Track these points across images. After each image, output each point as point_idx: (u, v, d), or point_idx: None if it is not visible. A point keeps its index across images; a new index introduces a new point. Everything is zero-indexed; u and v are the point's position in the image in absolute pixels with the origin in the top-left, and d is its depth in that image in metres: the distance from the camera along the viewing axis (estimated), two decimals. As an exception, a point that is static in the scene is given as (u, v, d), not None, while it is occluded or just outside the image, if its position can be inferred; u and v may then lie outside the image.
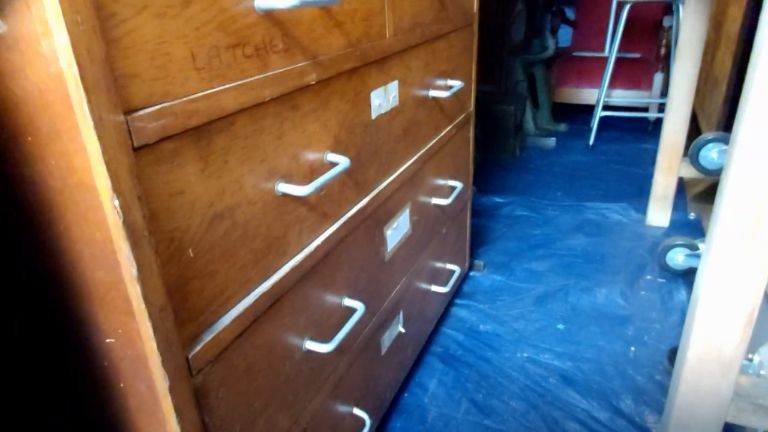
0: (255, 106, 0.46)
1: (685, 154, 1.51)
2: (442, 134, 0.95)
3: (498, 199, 1.78)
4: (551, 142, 2.34)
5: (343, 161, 0.58)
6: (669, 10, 2.31)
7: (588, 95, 2.57)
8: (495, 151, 2.17)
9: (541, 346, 1.10)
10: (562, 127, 2.55)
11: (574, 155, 2.20)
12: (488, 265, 1.40)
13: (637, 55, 2.51)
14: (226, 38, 0.41)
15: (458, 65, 0.98)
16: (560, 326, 1.16)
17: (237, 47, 0.43)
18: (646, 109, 2.50)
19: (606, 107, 2.32)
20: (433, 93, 0.86)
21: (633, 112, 2.38)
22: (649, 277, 1.33)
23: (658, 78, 2.45)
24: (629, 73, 2.50)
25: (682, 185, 1.79)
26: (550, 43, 2.39)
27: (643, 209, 1.65)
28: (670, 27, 2.30)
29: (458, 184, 1.02)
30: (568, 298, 1.25)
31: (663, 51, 2.38)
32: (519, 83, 2.36)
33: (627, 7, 2.11)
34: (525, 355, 1.08)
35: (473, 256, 1.41)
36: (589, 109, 2.46)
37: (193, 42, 0.39)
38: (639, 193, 1.78)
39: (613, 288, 1.28)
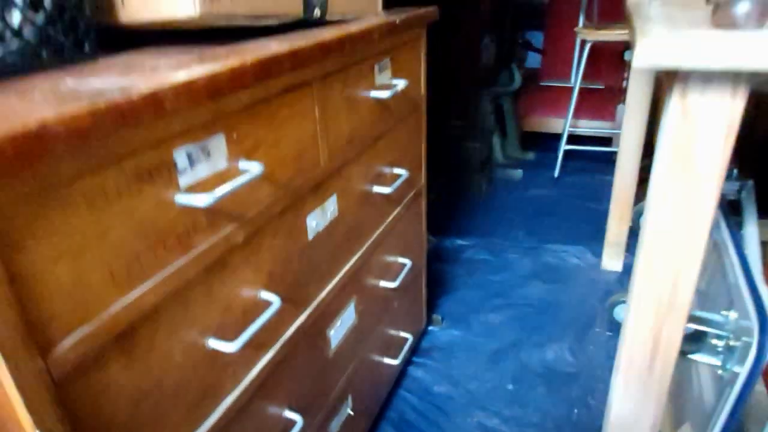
0: (180, 287, 0.50)
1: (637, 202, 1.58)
2: (389, 220, 0.99)
3: (461, 242, 1.83)
4: (518, 174, 2.40)
5: (275, 301, 0.62)
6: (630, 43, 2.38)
7: (555, 124, 2.63)
8: (461, 188, 2.22)
9: (491, 409, 1.15)
10: (530, 155, 2.61)
11: (539, 188, 2.25)
12: (447, 317, 1.45)
13: (601, 86, 2.58)
14: (145, 241, 0.45)
15: (405, 152, 1.02)
16: (510, 386, 1.21)
17: (157, 244, 0.46)
18: (610, 139, 2.57)
19: (571, 137, 2.38)
20: (377, 189, 0.90)
21: (597, 146, 2.44)
22: (597, 330, 1.39)
23: (621, 109, 2.52)
24: (594, 103, 2.56)
25: (637, 228, 1.86)
26: (517, 75, 2.44)
27: (599, 251, 1.71)
28: (630, 61, 2.37)
29: (407, 262, 1.07)
30: (520, 354, 1.31)
31: (625, 84, 2.45)
32: (487, 116, 2.41)
33: (589, 44, 2.17)
34: (475, 419, 1.13)
35: (432, 308, 1.46)
36: (557, 137, 2.53)
37: (112, 261, 0.42)
38: (596, 233, 1.84)
39: (562, 343, 1.34)
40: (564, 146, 2.32)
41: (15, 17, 0.46)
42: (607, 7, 2.49)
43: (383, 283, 1.00)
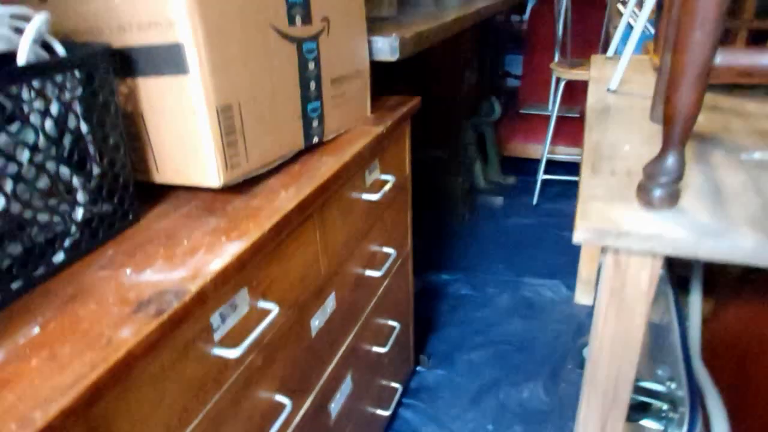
0: (213, 415, 0.61)
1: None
2: (379, 293, 1.11)
3: (445, 276, 1.96)
4: (499, 201, 2.53)
5: (288, 404, 0.74)
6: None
7: (534, 150, 2.77)
8: (444, 218, 2.35)
9: (472, 449, 1.29)
10: (510, 179, 2.74)
11: (519, 217, 2.39)
12: (433, 356, 1.58)
13: (576, 115, 2.72)
14: (190, 392, 0.57)
15: (393, 230, 1.14)
16: (490, 427, 1.35)
17: (199, 391, 0.58)
18: (585, 164, 2.70)
19: (550, 162, 2.51)
20: (369, 273, 1.02)
21: (575, 170, 2.59)
22: (569, 366, 1.53)
23: (596, 136, 2.66)
24: (571, 130, 2.70)
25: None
26: (497, 107, 2.56)
27: (572, 285, 1.85)
28: (605, 93, 2.50)
29: (397, 324, 1.19)
30: (500, 394, 1.45)
31: (599, 113, 2.58)
32: (469, 146, 2.53)
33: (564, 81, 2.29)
34: (458, 460, 1.27)
35: (420, 348, 1.59)
36: (537, 161, 2.66)
37: (169, 418, 0.54)
38: (571, 265, 1.99)
39: (537, 381, 1.48)
40: (542, 175, 2.46)
41: (78, 213, 0.57)
42: (580, 42, 2.62)
43: (375, 349, 1.12)
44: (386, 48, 0.99)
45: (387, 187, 0.98)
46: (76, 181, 0.56)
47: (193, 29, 0.58)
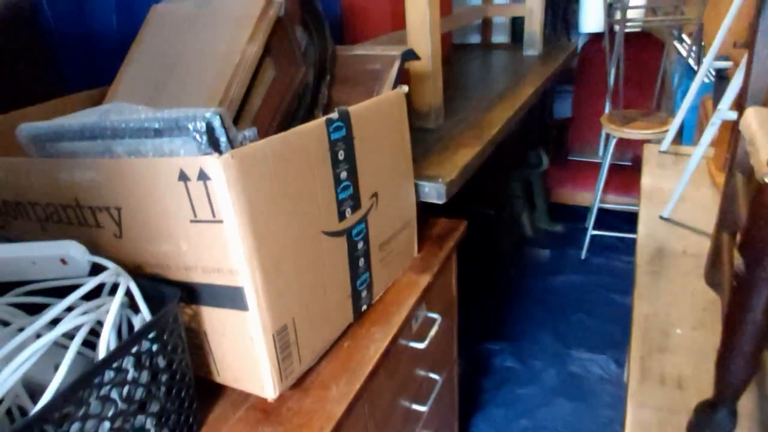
0: None
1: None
2: (423, 419, 1.13)
3: (490, 347, 1.96)
4: (546, 254, 2.50)
5: None
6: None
7: (582, 197, 2.71)
8: (491, 277, 2.34)
9: None
10: (558, 227, 2.70)
11: (567, 273, 2.35)
12: (477, 441, 1.60)
13: (629, 163, 2.64)
14: None
15: (437, 355, 1.16)
16: None
17: None
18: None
19: (600, 210, 2.45)
20: (414, 407, 1.05)
21: (627, 220, 2.52)
22: (618, 462, 1.51)
23: (649, 186, 2.57)
24: (623, 178, 2.62)
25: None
26: (545, 158, 2.52)
27: (622, 360, 1.81)
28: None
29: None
30: (544, 491, 1.45)
31: (653, 164, 2.50)
32: (516, 200, 2.51)
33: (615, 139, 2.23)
34: None
35: (463, 429, 1.60)
36: (586, 209, 2.60)
37: None
38: (621, 335, 1.95)
39: (584, 479, 1.47)
40: (591, 230, 2.41)
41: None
42: (634, 91, 2.54)
43: (420, 470, 1.15)
44: (434, 193, 1.01)
45: (434, 331, 1.00)
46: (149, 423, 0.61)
47: (252, 275, 0.61)
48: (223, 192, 0.57)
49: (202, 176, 0.57)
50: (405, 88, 0.91)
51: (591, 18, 2.58)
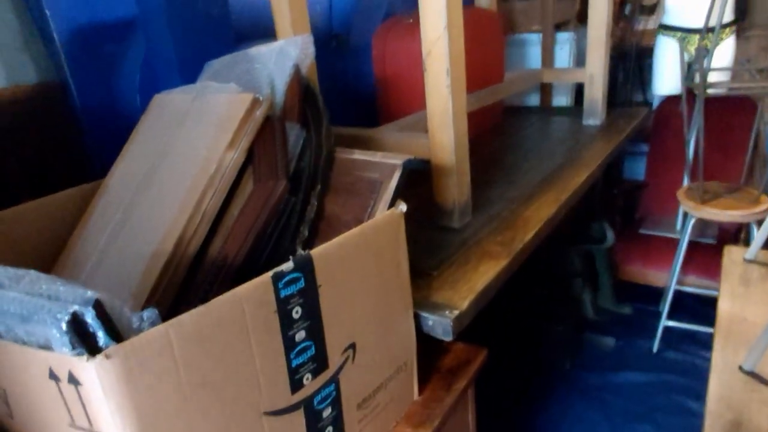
0: None
1: None
2: None
3: (536, 460, 1.69)
4: (610, 342, 2.19)
5: None
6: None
7: (655, 276, 2.38)
8: (545, 366, 2.07)
9: None
10: (626, 309, 2.38)
11: (634, 370, 2.04)
12: None
13: (711, 241, 2.30)
14: None
15: None
16: None
17: None
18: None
19: (678, 294, 2.12)
20: None
21: (707, 303, 2.17)
22: None
23: (737, 270, 2.22)
24: (705, 258, 2.28)
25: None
26: (610, 233, 2.25)
27: (698, 495, 1.49)
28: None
29: None
30: None
31: (740, 244, 2.16)
32: (574, 279, 2.25)
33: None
34: None
35: None
36: (658, 290, 2.28)
37: None
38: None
39: None
40: (665, 319, 2.09)
41: None
42: (719, 158, 2.24)
43: None
44: (439, 329, 0.83)
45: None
46: None
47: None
48: (99, 400, 0.44)
49: (72, 380, 0.44)
50: (403, 207, 0.76)
51: (666, 78, 2.31)
